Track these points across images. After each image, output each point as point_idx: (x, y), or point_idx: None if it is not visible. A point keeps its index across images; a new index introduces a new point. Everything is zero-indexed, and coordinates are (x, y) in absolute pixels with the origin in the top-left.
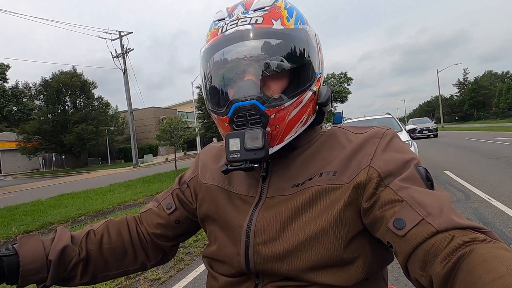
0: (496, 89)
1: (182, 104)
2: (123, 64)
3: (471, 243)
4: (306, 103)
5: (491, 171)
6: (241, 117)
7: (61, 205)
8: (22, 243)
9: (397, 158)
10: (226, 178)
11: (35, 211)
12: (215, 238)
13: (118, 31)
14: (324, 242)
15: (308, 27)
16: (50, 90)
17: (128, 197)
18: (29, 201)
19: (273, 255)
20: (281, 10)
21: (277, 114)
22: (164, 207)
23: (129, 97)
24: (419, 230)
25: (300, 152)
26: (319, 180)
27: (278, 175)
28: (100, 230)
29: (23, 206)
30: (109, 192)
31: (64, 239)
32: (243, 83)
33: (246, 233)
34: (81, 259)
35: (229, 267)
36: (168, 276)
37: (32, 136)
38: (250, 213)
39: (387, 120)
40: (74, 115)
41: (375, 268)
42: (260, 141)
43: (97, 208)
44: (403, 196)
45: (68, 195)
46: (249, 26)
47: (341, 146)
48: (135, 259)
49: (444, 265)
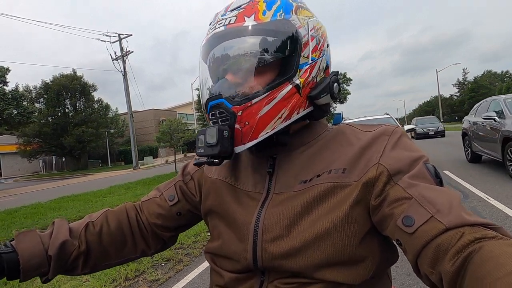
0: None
1: (182, 106)
2: (123, 67)
3: (481, 240)
4: (284, 98)
5: (489, 171)
6: (214, 115)
7: (61, 208)
8: (20, 240)
9: (406, 156)
10: (232, 173)
11: (35, 213)
12: (219, 234)
13: (118, 34)
14: (333, 240)
15: (293, 16)
16: (50, 93)
17: (128, 199)
18: (29, 203)
19: (282, 253)
20: (258, 5)
21: (244, 112)
22: (166, 198)
23: (128, 99)
24: (428, 227)
25: (306, 148)
26: (328, 177)
27: (284, 171)
28: (99, 221)
29: (23, 208)
30: (109, 194)
31: (63, 232)
32: (218, 83)
33: (254, 230)
34: (81, 252)
35: (235, 263)
36: (167, 277)
37: (32, 139)
38: (258, 210)
39: (385, 120)
40: (74, 117)
41: (382, 267)
42: (214, 137)
43: (97, 210)
44: (411, 193)
45: (68, 197)
46: (223, 27)
47: (349, 143)
48: (135, 248)
49: (453, 262)
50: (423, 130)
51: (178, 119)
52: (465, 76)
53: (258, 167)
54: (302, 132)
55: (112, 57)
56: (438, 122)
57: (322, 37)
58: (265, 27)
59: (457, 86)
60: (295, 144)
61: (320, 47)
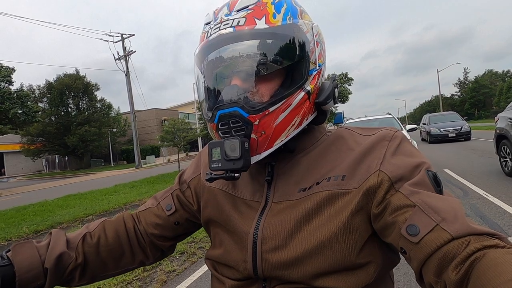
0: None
1: (183, 105)
2: (125, 66)
3: (485, 249)
4: (297, 105)
5: (489, 169)
6: (225, 124)
7: (68, 206)
8: (16, 252)
9: (407, 162)
10: (230, 182)
11: (43, 211)
12: (221, 242)
13: (120, 34)
14: (334, 248)
15: (300, 21)
16: (54, 92)
17: (133, 197)
18: (36, 201)
19: (282, 263)
20: (267, 6)
21: (261, 120)
22: (163, 208)
23: (131, 98)
24: (434, 237)
25: (305, 154)
26: (327, 185)
27: (283, 178)
28: (97, 231)
29: (31, 206)
30: (114, 193)
31: (60, 244)
32: (227, 89)
33: (253, 240)
34: (79, 264)
35: (235, 272)
36: (183, 268)
37: (36, 138)
38: (257, 220)
39: (387, 120)
40: (77, 117)
41: (384, 271)
42: (237, 151)
43: (104, 208)
44: (415, 201)
45: (75, 195)
46: (231, 29)
47: (349, 149)
48: (133, 258)
49: (457, 271)
50: (440, 131)
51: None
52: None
53: (256, 174)
54: (302, 137)
55: (115, 57)
56: (460, 120)
57: (323, 43)
58: (278, 31)
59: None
60: (293, 152)
61: (323, 53)
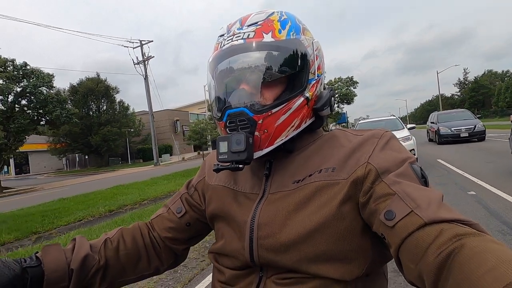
0: (495, 88)
1: (190, 106)
2: (144, 71)
3: (461, 238)
4: (297, 109)
5: (472, 158)
6: (233, 122)
7: (122, 193)
8: (45, 253)
9: (394, 156)
10: (232, 178)
11: (107, 197)
12: (222, 235)
13: (140, 40)
14: (325, 235)
15: (302, 36)
16: (78, 95)
17: (173, 187)
18: (85, 192)
19: (276, 248)
20: (274, 23)
21: (264, 120)
22: (174, 211)
23: (149, 101)
24: (407, 221)
25: (301, 152)
26: (318, 176)
27: (280, 173)
28: (116, 237)
29: (92, 194)
30: (154, 184)
31: (84, 248)
32: (236, 92)
33: (250, 228)
34: (101, 266)
35: (234, 261)
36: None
37: (62, 138)
38: (254, 209)
39: (392, 121)
40: (99, 118)
41: (375, 265)
42: (242, 144)
43: (154, 195)
44: (395, 189)
45: (122, 186)
46: (242, 41)
47: (340, 146)
48: (149, 264)
49: (434, 259)
50: (451, 131)
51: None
52: (465, 76)
53: (256, 170)
54: (299, 139)
55: (134, 62)
56: (473, 118)
57: (322, 57)
58: (282, 44)
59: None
60: (290, 151)
61: (322, 65)
